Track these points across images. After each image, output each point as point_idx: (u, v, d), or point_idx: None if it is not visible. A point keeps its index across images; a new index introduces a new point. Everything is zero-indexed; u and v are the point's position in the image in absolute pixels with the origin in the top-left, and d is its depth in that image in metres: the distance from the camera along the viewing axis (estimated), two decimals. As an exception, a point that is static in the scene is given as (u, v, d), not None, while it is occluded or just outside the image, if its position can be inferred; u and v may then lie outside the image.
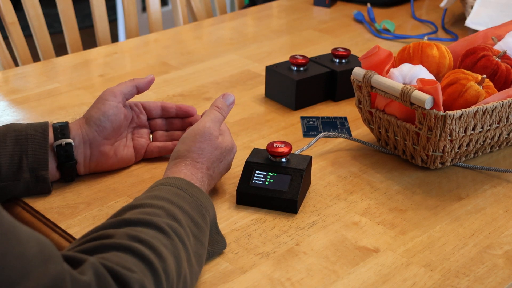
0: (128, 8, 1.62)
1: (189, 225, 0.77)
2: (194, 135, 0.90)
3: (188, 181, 0.83)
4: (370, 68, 1.04)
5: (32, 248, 0.58)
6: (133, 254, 0.67)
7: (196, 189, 0.83)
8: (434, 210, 0.94)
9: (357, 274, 0.81)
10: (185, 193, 0.81)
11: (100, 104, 0.96)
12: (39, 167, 0.90)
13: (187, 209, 0.78)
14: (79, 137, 0.94)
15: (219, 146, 0.91)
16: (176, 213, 0.77)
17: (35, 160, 0.90)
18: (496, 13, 1.52)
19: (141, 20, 2.26)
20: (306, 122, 1.16)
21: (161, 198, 0.78)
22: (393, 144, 1.05)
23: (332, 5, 1.75)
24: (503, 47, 1.09)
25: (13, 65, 1.43)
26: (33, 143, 0.90)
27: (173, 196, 0.79)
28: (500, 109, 0.98)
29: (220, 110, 0.94)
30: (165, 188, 0.81)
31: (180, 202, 0.79)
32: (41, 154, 0.91)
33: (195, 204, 0.80)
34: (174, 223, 0.75)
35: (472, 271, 0.82)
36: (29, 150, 0.90)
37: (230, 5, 2.89)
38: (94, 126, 0.95)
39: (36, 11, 1.47)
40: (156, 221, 0.73)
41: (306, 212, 0.92)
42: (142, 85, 1.00)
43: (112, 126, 0.96)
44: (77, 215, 0.90)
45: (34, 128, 0.92)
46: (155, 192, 0.80)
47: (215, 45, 1.49)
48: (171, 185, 0.81)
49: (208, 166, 0.89)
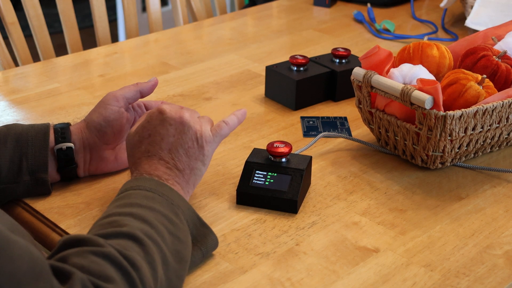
0: (128, 8, 1.62)
1: (163, 223, 0.75)
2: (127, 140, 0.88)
3: (157, 181, 0.81)
4: (370, 68, 1.04)
5: (24, 265, 0.57)
6: (111, 261, 0.66)
7: (166, 187, 0.80)
8: (434, 210, 0.94)
9: (357, 274, 0.81)
10: (154, 193, 0.79)
11: (102, 109, 0.94)
12: (39, 170, 0.90)
13: (158, 208, 0.77)
14: (79, 142, 0.94)
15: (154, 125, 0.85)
16: (146, 215, 0.75)
17: (35, 163, 0.90)
18: (496, 13, 1.52)
19: (141, 20, 2.26)
20: (306, 122, 1.16)
21: (130, 204, 0.76)
22: (393, 144, 1.05)
23: (332, 5, 1.75)
24: (503, 47, 1.09)
25: (13, 65, 1.43)
26: (34, 146, 0.90)
27: (143, 200, 0.77)
28: (500, 109, 0.98)
29: None
30: (134, 192, 0.79)
31: (150, 204, 0.77)
32: (41, 158, 0.90)
33: (166, 203, 0.78)
34: (145, 226, 0.73)
35: (472, 271, 0.82)
36: (29, 153, 0.90)
37: (230, 5, 2.89)
38: (94, 131, 0.94)
39: (36, 11, 1.47)
40: (126, 229, 0.71)
41: (306, 212, 0.92)
42: (146, 90, 0.98)
43: (113, 131, 0.94)
44: (77, 215, 0.90)
45: (35, 131, 0.91)
46: (124, 199, 0.78)
47: (215, 45, 1.49)
48: (140, 188, 0.79)
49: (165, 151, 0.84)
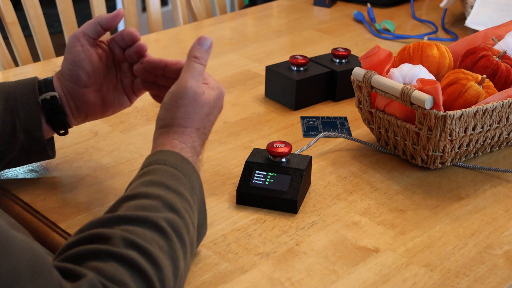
0: (128, 8, 1.62)
1: (188, 213, 0.74)
2: (176, 99, 0.82)
3: (181, 156, 0.78)
4: (370, 68, 1.04)
5: (24, 261, 0.56)
6: (128, 265, 0.64)
7: (190, 166, 0.78)
8: (434, 210, 0.94)
9: (357, 274, 0.81)
10: (180, 172, 0.76)
11: (67, 53, 0.90)
12: (33, 128, 0.89)
13: (183, 192, 0.75)
14: (59, 90, 0.90)
15: (207, 102, 0.83)
16: (174, 201, 0.73)
17: (27, 121, 0.88)
18: (496, 13, 1.52)
19: (141, 20, 2.26)
20: (306, 122, 1.16)
21: (156, 183, 0.74)
22: (393, 144, 1.05)
23: (332, 5, 1.75)
24: (503, 47, 1.09)
25: (13, 65, 1.42)
26: (23, 103, 0.88)
27: (169, 179, 0.75)
28: (500, 109, 0.98)
29: (199, 61, 0.85)
30: (160, 168, 0.76)
31: (177, 186, 0.75)
32: (33, 115, 0.88)
33: (189, 186, 0.77)
34: (173, 215, 0.71)
35: (472, 271, 0.82)
36: (21, 111, 0.88)
37: (230, 5, 2.89)
38: (67, 77, 0.90)
39: (36, 11, 1.47)
40: (154, 218, 0.69)
41: (306, 212, 0.92)
42: (105, 21, 0.91)
43: (86, 71, 0.90)
44: (77, 215, 0.90)
45: (23, 87, 0.89)
46: (150, 175, 0.76)
47: (215, 45, 1.48)
48: (165, 163, 0.77)
49: (198, 126, 0.82)
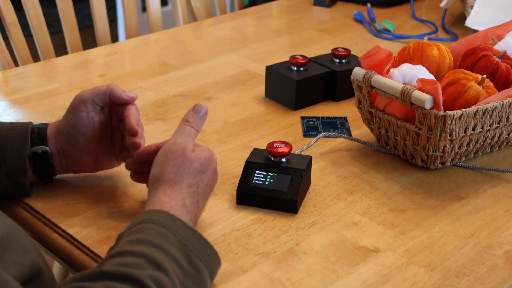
0: (128, 8, 1.62)
1: (175, 271, 0.71)
2: (165, 154, 0.81)
3: (170, 214, 0.76)
4: (370, 68, 1.04)
5: None
6: None
7: (180, 224, 0.76)
8: (434, 210, 0.94)
9: (357, 274, 0.81)
10: (168, 231, 0.74)
11: (69, 115, 0.90)
12: (17, 174, 0.88)
13: (172, 251, 0.72)
14: (53, 147, 0.90)
15: (196, 158, 0.82)
16: (161, 259, 0.70)
17: (13, 167, 0.88)
18: (496, 13, 1.52)
19: (141, 20, 2.26)
20: (306, 122, 1.16)
21: (143, 242, 0.72)
22: (393, 144, 1.05)
23: (332, 5, 1.75)
24: (503, 47, 1.09)
25: (13, 65, 1.42)
26: (13, 150, 0.87)
27: (157, 238, 0.73)
28: (500, 109, 0.98)
29: (190, 124, 0.85)
30: (147, 227, 0.74)
31: (164, 244, 0.72)
32: (20, 162, 0.88)
33: (179, 244, 0.73)
34: (158, 273, 0.68)
35: (472, 271, 0.83)
36: (8, 157, 0.87)
37: (230, 5, 2.89)
38: (65, 138, 0.90)
39: (36, 11, 1.47)
40: (137, 275, 0.67)
41: (306, 212, 0.92)
42: (115, 98, 0.91)
43: (85, 137, 0.90)
44: (77, 215, 0.90)
45: (15, 132, 0.88)
46: (137, 234, 0.73)
47: (215, 45, 1.49)
48: (154, 222, 0.75)
49: (189, 183, 0.81)
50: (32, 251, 0.74)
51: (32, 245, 0.76)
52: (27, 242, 0.75)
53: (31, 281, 0.72)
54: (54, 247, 0.87)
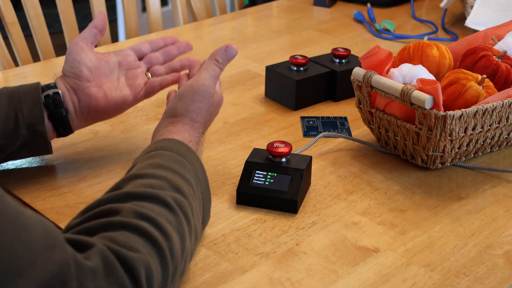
0: (128, 8, 1.62)
1: (191, 194, 0.76)
2: (193, 93, 0.89)
3: (187, 146, 0.83)
4: (370, 68, 1.04)
5: (38, 235, 0.58)
6: (140, 233, 0.66)
7: (194, 155, 0.82)
8: (434, 210, 0.94)
9: (357, 274, 0.81)
10: (185, 159, 0.80)
11: (67, 56, 0.96)
12: (35, 123, 0.91)
13: (188, 178, 0.78)
14: (62, 87, 0.94)
15: (214, 103, 0.91)
16: (180, 183, 0.76)
17: (30, 115, 0.91)
18: (496, 13, 1.52)
19: (141, 20, 2.26)
20: (306, 122, 1.16)
21: (163, 167, 0.77)
22: (393, 144, 1.05)
23: (332, 5, 1.75)
24: (503, 47, 1.09)
25: (13, 65, 1.42)
26: (27, 99, 0.91)
27: (175, 164, 0.78)
28: (500, 109, 0.98)
29: (220, 65, 0.93)
30: (166, 154, 0.80)
31: (182, 171, 0.78)
32: (36, 109, 0.91)
33: (193, 173, 0.79)
34: (179, 196, 0.74)
35: (472, 271, 0.83)
36: (24, 106, 0.91)
37: (230, 5, 2.89)
38: (70, 74, 0.95)
39: (36, 11, 1.47)
40: (161, 195, 0.72)
41: (306, 212, 0.92)
42: (98, 23, 0.98)
43: (88, 67, 0.95)
44: (77, 215, 0.90)
45: (26, 87, 0.93)
46: (156, 159, 0.79)
47: (215, 45, 1.48)
48: (172, 150, 0.80)
49: (204, 124, 0.90)
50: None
51: None
52: None
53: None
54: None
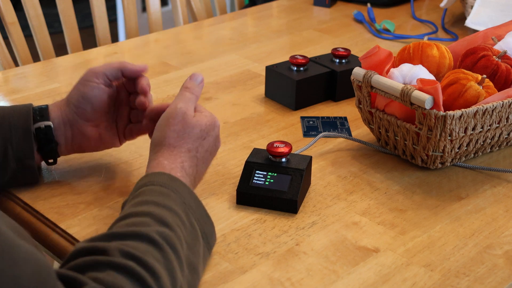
0: (128, 8, 1.62)
1: (178, 225, 0.74)
2: (167, 119, 0.85)
3: (169, 175, 0.80)
4: (370, 68, 1.04)
5: (28, 270, 0.56)
6: (127, 274, 0.65)
7: (179, 183, 0.80)
8: (434, 210, 0.94)
9: (357, 274, 0.81)
10: (169, 190, 0.77)
11: (80, 85, 0.93)
12: (24, 156, 0.89)
13: (174, 208, 0.76)
14: (58, 119, 0.92)
15: (197, 124, 0.86)
16: (164, 216, 0.74)
17: (19, 148, 0.89)
18: (496, 13, 1.52)
19: (141, 20, 2.26)
20: (306, 122, 1.16)
21: (146, 202, 0.75)
22: (393, 144, 1.05)
23: (332, 5, 1.75)
24: (503, 47, 1.09)
25: (13, 65, 1.43)
26: (17, 131, 0.89)
27: (158, 197, 0.76)
28: (500, 109, 0.98)
29: (189, 90, 0.89)
30: (148, 189, 0.78)
31: (167, 202, 0.76)
32: (25, 143, 0.89)
33: (179, 202, 0.77)
34: (164, 229, 0.72)
35: (472, 271, 0.83)
36: (13, 138, 0.89)
37: (230, 5, 2.89)
38: (73, 108, 0.92)
39: (36, 11, 1.47)
40: (146, 231, 0.70)
41: (306, 212, 0.92)
42: (129, 72, 0.94)
43: (93, 108, 0.93)
44: (77, 215, 0.90)
45: (17, 114, 0.90)
46: (139, 197, 0.77)
47: (215, 45, 1.49)
48: (154, 183, 0.78)
49: (188, 147, 0.84)
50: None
51: (34, 245, 0.76)
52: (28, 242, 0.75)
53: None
54: (54, 247, 0.87)
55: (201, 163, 0.86)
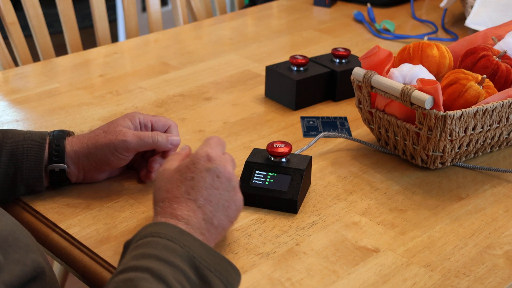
0: (128, 8, 1.62)
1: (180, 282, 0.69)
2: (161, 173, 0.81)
3: (178, 228, 0.74)
4: (370, 68, 1.04)
5: None
6: None
7: (188, 237, 0.73)
8: (434, 210, 0.94)
9: (357, 274, 0.81)
10: (175, 244, 0.71)
11: (108, 150, 0.90)
12: (34, 184, 0.90)
13: (178, 264, 0.70)
14: (73, 165, 0.92)
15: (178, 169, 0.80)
16: (164, 272, 0.68)
17: (29, 177, 0.89)
18: (496, 13, 1.52)
19: (141, 20, 2.26)
20: (306, 122, 1.16)
21: (148, 256, 0.70)
22: (393, 144, 1.05)
23: (332, 5, 1.75)
24: (503, 47, 1.09)
25: (13, 65, 1.43)
26: (29, 160, 0.89)
27: (162, 251, 0.70)
28: (500, 109, 0.98)
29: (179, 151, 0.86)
30: (153, 241, 0.72)
31: (170, 257, 0.70)
32: (36, 173, 0.89)
33: (187, 256, 0.71)
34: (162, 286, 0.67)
35: (472, 271, 0.82)
36: (24, 167, 0.89)
37: (230, 5, 2.89)
38: (93, 163, 0.92)
39: (36, 11, 1.47)
40: None
41: (306, 212, 0.92)
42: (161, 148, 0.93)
43: (112, 168, 0.94)
44: (77, 215, 0.90)
45: (31, 142, 0.89)
46: (142, 249, 0.72)
47: (215, 45, 1.49)
48: (160, 236, 0.72)
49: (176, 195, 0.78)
50: (35, 251, 0.74)
51: (35, 245, 0.76)
52: (29, 241, 0.75)
53: (34, 280, 0.72)
54: (54, 247, 0.87)
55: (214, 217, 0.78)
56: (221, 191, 0.79)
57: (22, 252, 0.72)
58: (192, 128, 1.12)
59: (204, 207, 0.78)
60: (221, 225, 0.79)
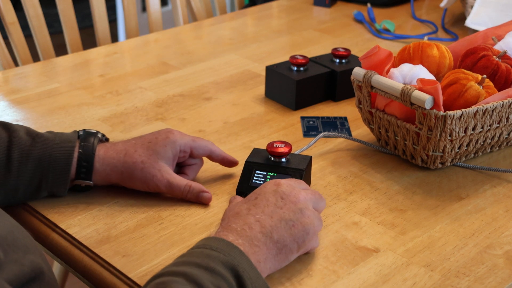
0: (128, 8, 1.62)
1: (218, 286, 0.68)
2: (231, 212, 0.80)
3: (227, 242, 0.73)
4: (370, 68, 1.04)
5: None
6: None
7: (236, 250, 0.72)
8: (434, 210, 0.94)
9: (357, 274, 0.81)
10: (219, 253, 0.71)
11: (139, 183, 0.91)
12: (58, 191, 0.91)
13: (218, 269, 0.69)
14: (101, 180, 0.92)
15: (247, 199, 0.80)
16: (200, 277, 0.68)
17: (54, 186, 0.90)
18: (496, 13, 1.52)
19: (141, 20, 2.26)
20: (306, 122, 1.16)
21: (187, 263, 0.70)
22: (393, 144, 1.05)
23: (332, 5, 1.75)
24: (503, 47, 1.09)
25: (13, 65, 1.43)
26: (55, 172, 0.89)
27: (203, 258, 0.70)
28: (500, 109, 0.98)
29: None
30: (198, 251, 0.72)
31: (210, 263, 0.70)
32: (61, 186, 0.90)
33: (229, 265, 0.70)
34: None
35: (472, 271, 0.82)
36: (50, 178, 0.89)
37: (230, 5, 2.89)
38: (121, 182, 0.92)
39: (36, 11, 1.47)
40: None
41: (306, 212, 0.92)
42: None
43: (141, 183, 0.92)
44: (77, 215, 0.90)
45: (60, 151, 0.89)
46: (184, 257, 0.72)
47: (215, 45, 1.49)
48: (206, 247, 0.72)
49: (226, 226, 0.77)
50: (33, 252, 0.74)
51: (34, 246, 0.76)
52: (28, 242, 0.75)
53: (33, 281, 0.72)
54: (54, 247, 0.87)
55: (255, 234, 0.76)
56: (285, 210, 0.79)
57: (20, 252, 0.72)
58: (192, 128, 1.12)
59: (264, 221, 0.77)
60: (282, 241, 0.77)
